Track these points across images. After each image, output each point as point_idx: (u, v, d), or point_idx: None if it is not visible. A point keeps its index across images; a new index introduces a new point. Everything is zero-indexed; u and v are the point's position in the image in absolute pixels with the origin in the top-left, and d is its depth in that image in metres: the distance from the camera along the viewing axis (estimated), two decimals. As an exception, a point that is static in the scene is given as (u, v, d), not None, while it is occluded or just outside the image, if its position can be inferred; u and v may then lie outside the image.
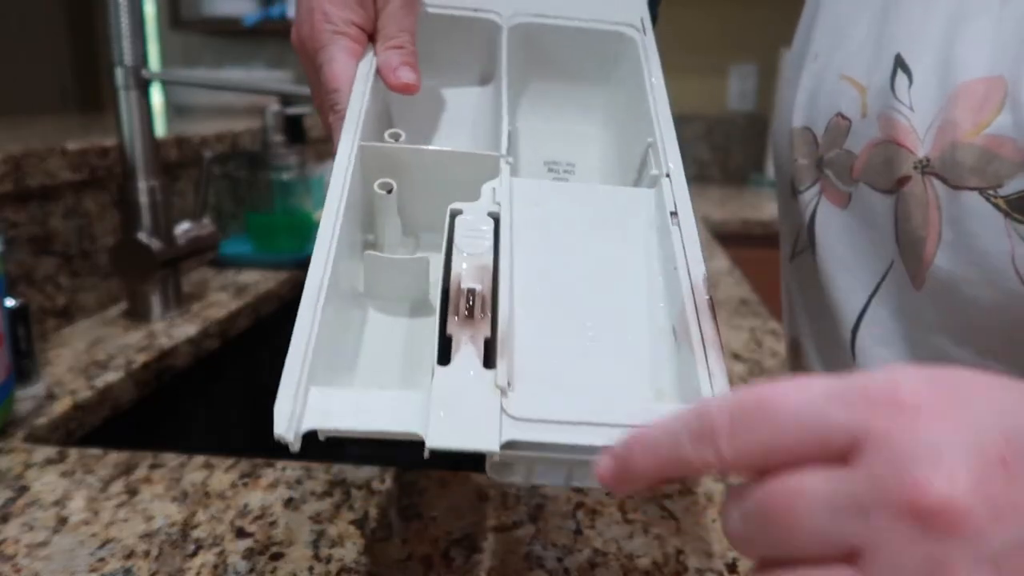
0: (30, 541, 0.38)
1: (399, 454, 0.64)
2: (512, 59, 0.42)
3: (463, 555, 0.36)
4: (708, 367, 0.27)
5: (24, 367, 0.55)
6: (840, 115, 0.37)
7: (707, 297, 0.29)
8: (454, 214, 0.32)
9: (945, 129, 0.31)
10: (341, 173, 0.33)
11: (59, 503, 0.41)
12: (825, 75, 0.39)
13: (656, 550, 0.37)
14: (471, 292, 0.29)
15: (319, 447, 0.30)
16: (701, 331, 0.28)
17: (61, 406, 0.54)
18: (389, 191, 0.34)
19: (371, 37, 0.38)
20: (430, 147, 0.39)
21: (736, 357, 0.64)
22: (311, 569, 0.35)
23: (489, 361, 0.27)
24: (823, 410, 0.18)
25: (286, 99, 1.00)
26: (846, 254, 0.38)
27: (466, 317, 0.28)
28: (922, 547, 0.17)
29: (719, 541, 0.38)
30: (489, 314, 0.28)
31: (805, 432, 0.19)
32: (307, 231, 0.99)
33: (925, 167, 0.32)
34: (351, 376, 0.31)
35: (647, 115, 0.38)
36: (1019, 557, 0.16)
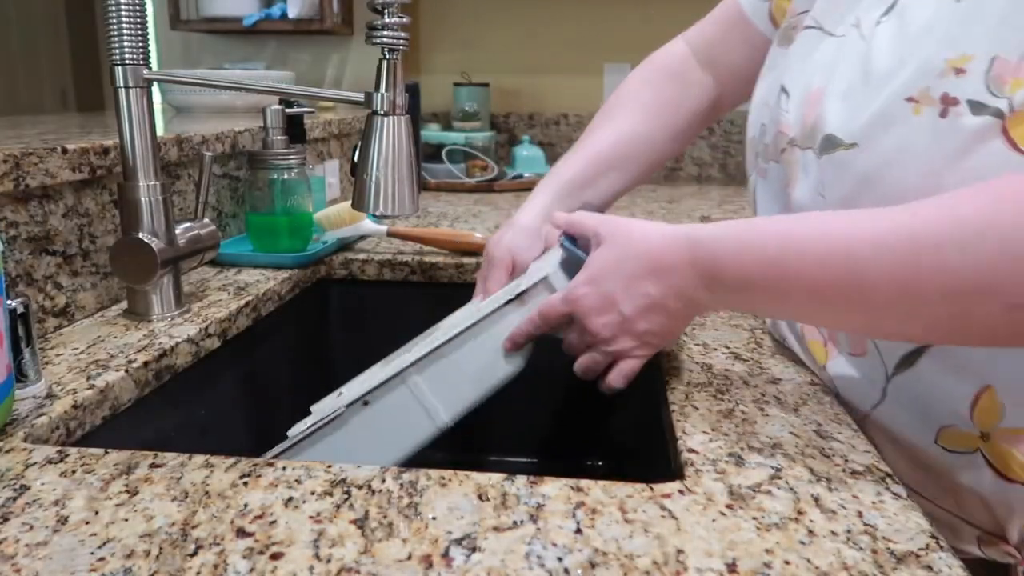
0: (30, 541, 0.38)
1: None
2: None
3: (463, 555, 0.36)
4: None
5: (24, 367, 0.55)
6: (763, 124, 0.64)
7: None
8: None
9: (802, 121, 0.57)
10: None
11: (59, 503, 0.41)
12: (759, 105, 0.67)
13: (656, 550, 0.37)
14: None
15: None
16: None
17: (61, 406, 0.54)
18: None
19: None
20: None
21: (736, 357, 0.64)
22: (311, 569, 0.35)
23: None
24: (560, 307, 0.58)
25: (286, 99, 1.00)
26: (764, 199, 0.65)
27: None
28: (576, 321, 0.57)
29: (719, 541, 0.38)
30: None
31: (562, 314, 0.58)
32: (307, 231, 0.99)
33: (791, 141, 0.58)
34: None
35: None
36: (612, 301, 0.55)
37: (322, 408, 0.62)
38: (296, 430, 0.60)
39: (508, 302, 0.60)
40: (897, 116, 0.48)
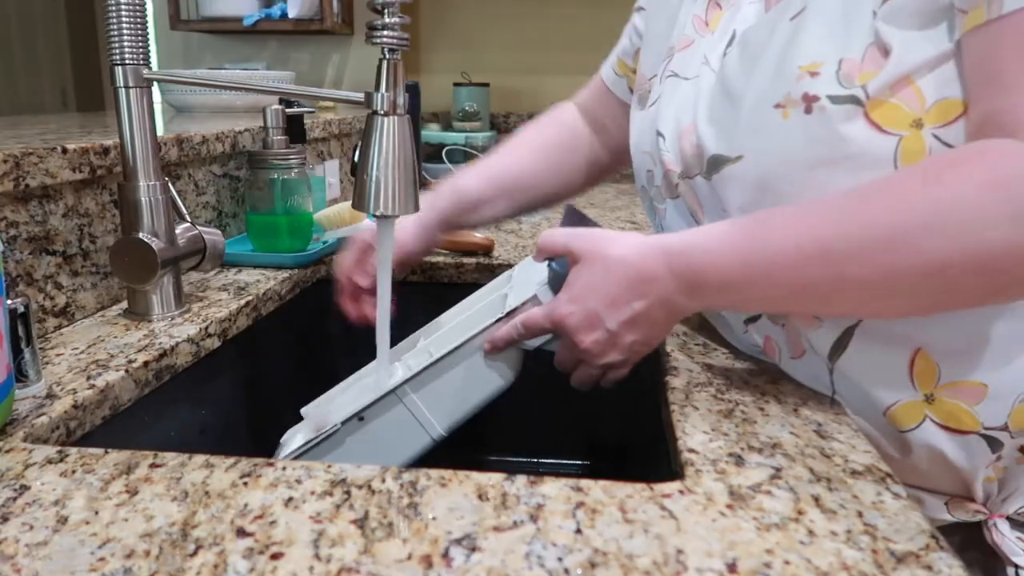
0: (30, 541, 0.38)
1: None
2: None
3: (463, 555, 0.36)
4: None
5: (24, 367, 0.55)
6: (649, 171, 0.69)
7: None
8: None
9: (681, 157, 0.62)
10: None
11: (59, 503, 0.41)
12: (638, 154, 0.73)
13: (656, 550, 0.37)
14: None
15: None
16: None
17: (61, 406, 0.54)
18: None
19: None
20: None
21: (736, 357, 0.64)
22: (311, 569, 0.35)
23: None
24: (542, 322, 0.59)
25: (286, 99, 1.00)
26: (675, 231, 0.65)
27: None
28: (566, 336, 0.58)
29: (719, 541, 0.38)
30: None
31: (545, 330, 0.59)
32: (307, 231, 0.99)
33: (680, 175, 0.63)
34: None
35: None
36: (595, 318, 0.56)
37: (312, 414, 0.62)
38: (290, 440, 0.61)
39: (498, 320, 0.61)
40: (768, 123, 0.53)
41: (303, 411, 0.66)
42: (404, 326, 0.76)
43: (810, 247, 0.48)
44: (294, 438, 0.64)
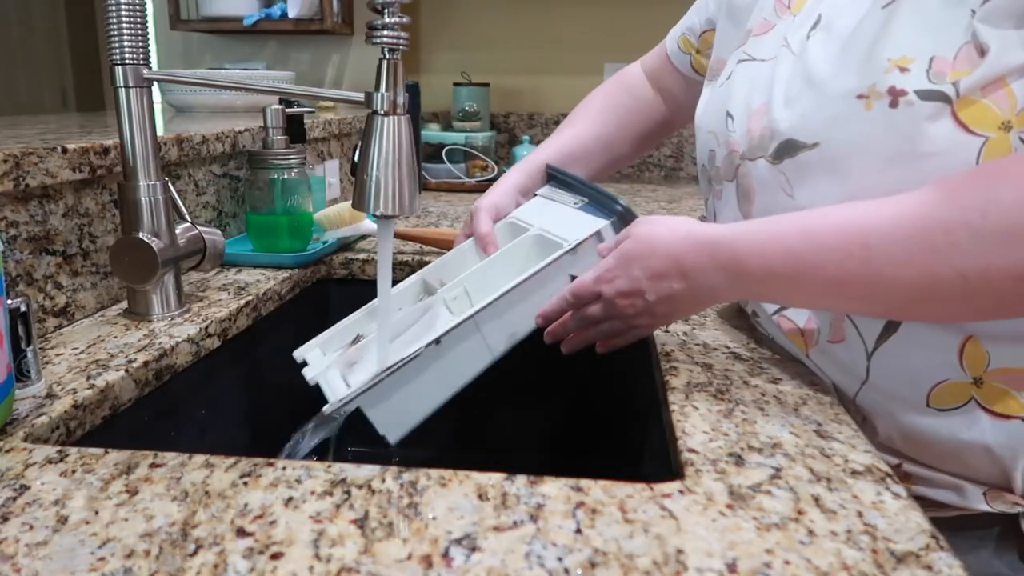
0: (30, 541, 0.38)
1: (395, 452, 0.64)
2: None
3: (463, 555, 0.36)
4: None
5: (24, 367, 0.55)
6: (711, 150, 0.70)
7: None
8: None
9: (749, 135, 0.62)
10: None
11: (59, 503, 0.41)
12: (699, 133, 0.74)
13: (656, 550, 0.37)
14: None
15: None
16: None
17: (61, 406, 0.54)
18: None
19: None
20: None
21: (736, 357, 0.64)
22: (311, 569, 0.35)
23: None
24: (592, 287, 0.63)
25: (286, 99, 1.00)
26: (724, 216, 0.69)
27: None
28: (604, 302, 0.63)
29: (719, 541, 0.38)
30: None
31: (594, 293, 0.63)
32: (307, 231, 0.99)
33: (742, 156, 0.63)
34: None
35: None
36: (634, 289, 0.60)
37: (344, 354, 0.66)
38: (327, 379, 0.63)
39: (566, 251, 0.69)
40: (851, 113, 0.52)
41: (313, 377, 0.65)
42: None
43: (853, 244, 0.48)
44: (332, 379, 0.64)
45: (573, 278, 0.66)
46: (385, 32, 0.56)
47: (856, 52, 0.53)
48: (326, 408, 0.60)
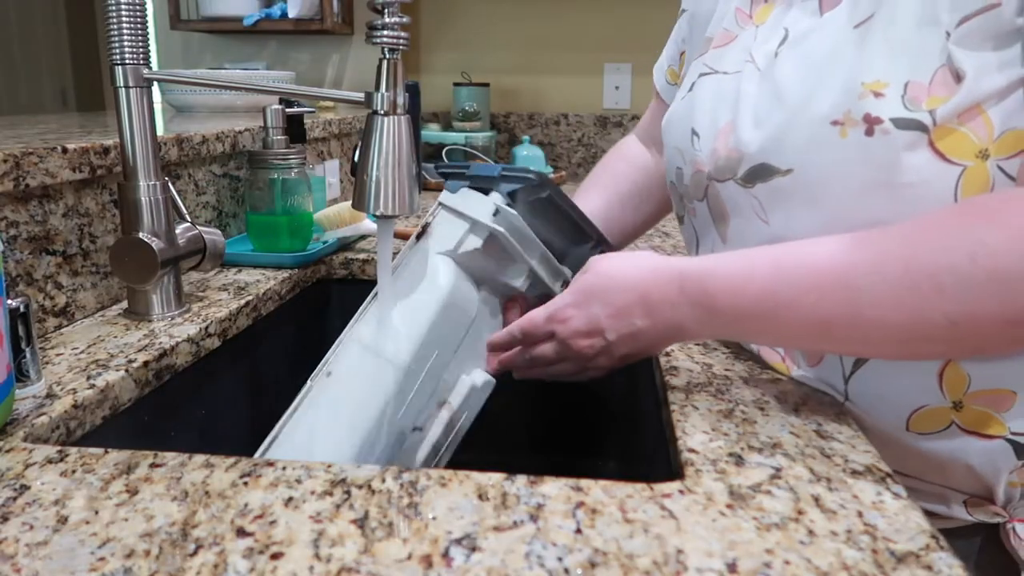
0: (30, 540, 0.38)
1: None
2: None
3: (463, 555, 0.36)
4: None
5: (24, 367, 0.55)
6: (679, 168, 0.67)
7: None
8: None
9: (714, 157, 0.60)
10: None
11: (59, 503, 0.41)
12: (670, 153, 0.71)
13: (656, 550, 0.37)
14: None
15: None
16: None
17: (61, 405, 0.54)
18: None
19: None
20: None
21: (736, 357, 0.64)
22: (311, 569, 0.35)
23: None
24: (543, 326, 0.59)
25: (286, 99, 1.00)
26: (700, 233, 0.67)
27: None
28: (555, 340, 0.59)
29: (719, 541, 0.38)
30: None
31: (547, 333, 0.59)
32: (307, 231, 0.99)
33: (708, 176, 0.61)
34: None
35: None
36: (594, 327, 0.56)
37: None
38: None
39: (414, 237, 0.66)
40: (825, 139, 0.50)
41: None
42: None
43: (835, 286, 0.47)
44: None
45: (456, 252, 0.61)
46: (385, 32, 0.56)
47: (828, 74, 0.52)
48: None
